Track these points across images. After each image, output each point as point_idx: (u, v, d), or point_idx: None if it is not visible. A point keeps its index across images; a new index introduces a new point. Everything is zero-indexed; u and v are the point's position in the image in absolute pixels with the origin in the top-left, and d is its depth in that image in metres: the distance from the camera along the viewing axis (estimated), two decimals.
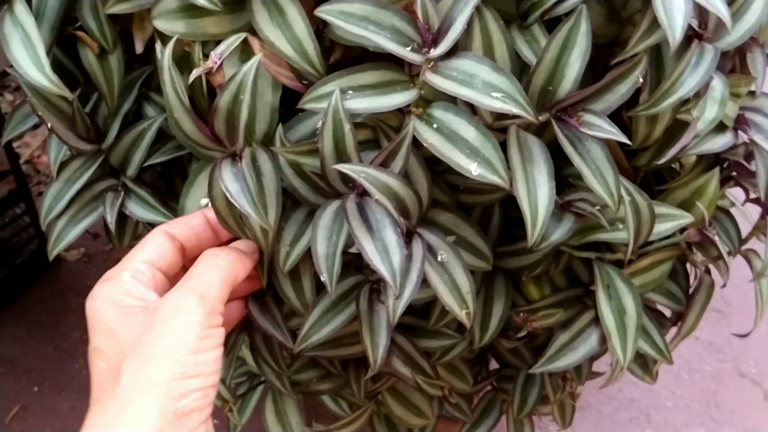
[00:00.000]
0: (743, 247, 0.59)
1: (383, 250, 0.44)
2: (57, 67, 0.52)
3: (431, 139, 0.43)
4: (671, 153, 0.46)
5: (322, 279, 0.45)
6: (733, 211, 0.60)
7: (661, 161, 0.49)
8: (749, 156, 0.53)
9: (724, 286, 0.57)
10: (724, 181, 0.55)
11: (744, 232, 0.59)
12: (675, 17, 0.40)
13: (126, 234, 0.59)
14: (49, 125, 0.52)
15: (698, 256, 0.56)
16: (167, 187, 0.58)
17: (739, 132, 0.51)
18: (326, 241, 0.46)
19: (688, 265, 0.60)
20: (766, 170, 0.52)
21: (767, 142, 0.50)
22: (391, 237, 0.44)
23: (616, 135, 0.43)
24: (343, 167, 0.43)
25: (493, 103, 0.41)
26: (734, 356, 1.15)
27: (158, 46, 0.45)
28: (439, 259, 0.47)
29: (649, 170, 0.53)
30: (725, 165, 0.55)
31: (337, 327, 0.51)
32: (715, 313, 1.19)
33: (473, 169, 0.42)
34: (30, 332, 1.10)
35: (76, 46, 0.52)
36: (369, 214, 0.45)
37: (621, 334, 0.52)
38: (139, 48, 0.49)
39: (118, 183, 0.56)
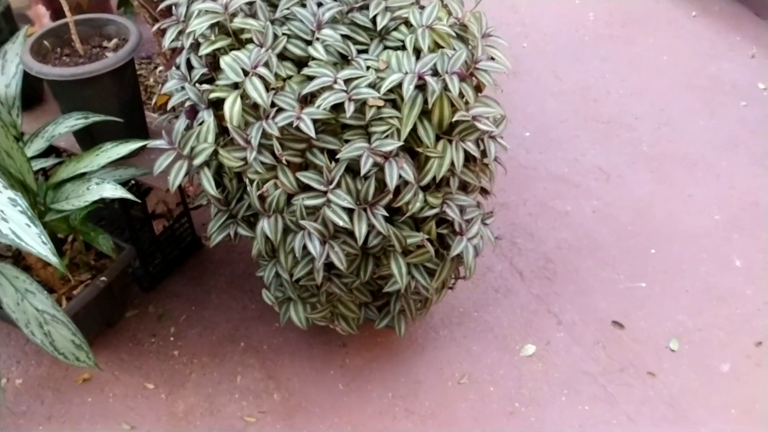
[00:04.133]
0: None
1: (314, 248, 1.35)
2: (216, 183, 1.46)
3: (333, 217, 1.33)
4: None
5: (297, 256, 1.37)
6: None
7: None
8: None
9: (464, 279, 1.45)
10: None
11: None
12: None
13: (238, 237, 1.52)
14: (212, 205, 1.46)
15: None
16: (253, 221, 1.51)
17: None
18: (299, 244, 1.37)
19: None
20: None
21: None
22: (317, 243, 1.35)
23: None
24: (303, 239, 1.34)
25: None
26: (549, 303, 1.98)
27: (248, 185, 1.37)
28: (335, 249, 1.37)
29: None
30: None
31: (306, 272, 1.43)
32: (545, 280, 2.03)
33: (342, 222, 1.33)
34: (188, 282, 2.07)
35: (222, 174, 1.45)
36: (312, 237, 1.36)
37: (399, 272, 1.41)
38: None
39: (235, 220, 1.49)
